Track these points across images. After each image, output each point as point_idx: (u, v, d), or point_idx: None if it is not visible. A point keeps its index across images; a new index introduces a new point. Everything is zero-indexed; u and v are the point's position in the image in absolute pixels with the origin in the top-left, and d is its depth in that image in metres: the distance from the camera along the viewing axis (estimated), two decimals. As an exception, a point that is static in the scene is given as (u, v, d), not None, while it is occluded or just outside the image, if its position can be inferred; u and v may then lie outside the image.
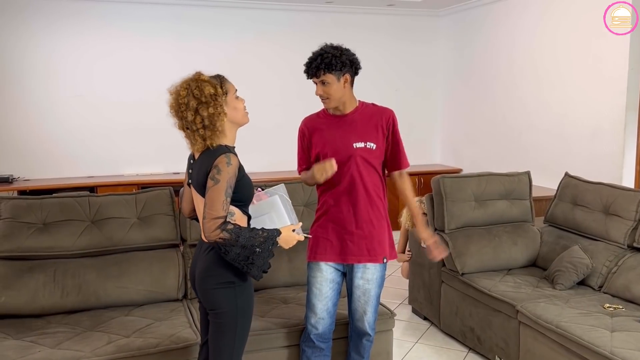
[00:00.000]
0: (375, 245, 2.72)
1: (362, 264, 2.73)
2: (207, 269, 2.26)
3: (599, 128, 4.90)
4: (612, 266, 3.50)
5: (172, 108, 2.25)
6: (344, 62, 2.59)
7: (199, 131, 2.21)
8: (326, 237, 2.74)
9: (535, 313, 3.15)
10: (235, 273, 2.25)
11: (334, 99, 2.65)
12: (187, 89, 2.21)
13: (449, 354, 3.80)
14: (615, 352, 2.66)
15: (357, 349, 2.87)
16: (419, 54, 7.24)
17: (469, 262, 3.81)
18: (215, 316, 2.28)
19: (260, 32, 6.52)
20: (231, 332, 2.28)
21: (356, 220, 2.70)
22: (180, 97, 2.21)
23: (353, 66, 2.66)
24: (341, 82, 2.62)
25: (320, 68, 2.59)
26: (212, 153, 2.21)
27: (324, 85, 2.62)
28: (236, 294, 2.26)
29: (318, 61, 2.59)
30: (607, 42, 4.74)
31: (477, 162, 6.59)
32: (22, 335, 2.82)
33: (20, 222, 3.18)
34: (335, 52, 2.60)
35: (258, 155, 6.30)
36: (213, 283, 2.25)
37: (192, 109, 2.19)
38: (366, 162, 2.69)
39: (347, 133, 2.69)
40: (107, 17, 6.01)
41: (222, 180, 2.14)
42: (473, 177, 4.11)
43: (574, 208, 3.90)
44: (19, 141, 5.88)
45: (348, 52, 2.65)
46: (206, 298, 2.29)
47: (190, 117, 2.19)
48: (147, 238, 3.39)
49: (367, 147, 2.68)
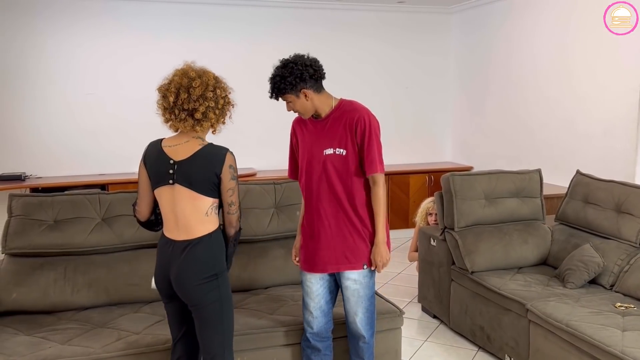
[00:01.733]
0: (353, 252, 2.68)
1: None
2: (190, 267, 2.32)
3: (612, 125, 4.85)
4: (623, 265, 3.46)
5: (186, 77, 2.29)
6: (292, 82, 2.53)
7: (214, 110, 2.31)
8: (307, 247, 2.76)
9: (546, 312, 3.12)
10: (216, 265, 2.35)
11: (305, 112, 2.65)
12: (216, 78, 2.37)
13: (459, 352, 3.78)
14: (627, 352, 2.63)
15: (355, 351, 2.85)
16: (430, 51, 7.20)
17: (478, 260, 3.79)
18: (200, 311, 2.35)
19: (271, 29, 6.52)
20: (219, 322, 2.37)
21: (330, 229, 2.67)
22: (212, 78, 2.34)
23: (307, 79, 2.56)
24: (301, 97, 2.59)
25: (275, 93, 2.61)
26: (214, 153, 2.32)
27: (289, 104, 2.64)
28: (219, 285, 2.36)
29: (271, 87, 2.60)
30: (620, 39, 4.69)
31: (489, 160, 6.55)
32: (33, 331, 2.85)
33: (32, 219, 3.21)
34: (283, 72, 2.55)
35: (271, 153, 6.34)
36: (198, 279, 2.32)
37: (223, 92, 2.35)
38: (337, 169, 2.62)
39: (319, 139, 2.66)
40: (120, 17, 6.04)
41: (237, 178, 2.37)
42: (483, 174, 4.09)
43: (586, 206, 3.87)
44: (31, 139, 5.94)
45: (296, 68, 2.54)
46: (190, 295, 2.34)
47: (220, 93, 2.33)
48: (156, 235, 3.36)
49: (337, 154, 2.62)
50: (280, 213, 3.62)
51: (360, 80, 6.69)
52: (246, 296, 3.35)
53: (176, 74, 2.32)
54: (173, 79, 2.31)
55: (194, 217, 2.33)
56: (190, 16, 6.27)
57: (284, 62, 2.59)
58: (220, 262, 2.38)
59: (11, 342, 2.71)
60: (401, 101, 7.05)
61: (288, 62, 2.58)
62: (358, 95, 2.76)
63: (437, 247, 4.14)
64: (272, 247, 3.57)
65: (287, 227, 3.60)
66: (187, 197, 2.32)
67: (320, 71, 2.63)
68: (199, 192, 2.31)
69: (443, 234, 4.05)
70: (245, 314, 3.06)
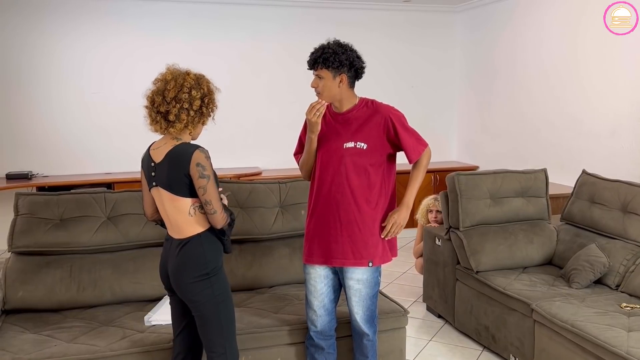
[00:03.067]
0: (360, 248, 2.66)
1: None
2: (182, 264, 2.35)
3: (618, 125, 4.82)
4: (629, 265, 3.45)
5: (168, 80, 2.30)
6: (342, 61, 2.54)
7: (188, 112, 2.29)
8: (313, 238, 2.74)
9: (551, 312, 3.11)
10: (208, 265, 2.35)
11: (326, 95, 2.62)
12: (198, 76, 2.34)
13: (463, 352, 3.78)
14: (632, 352, 2.62)
15: (359, 349, 2.85)
16: (436, 50, 7.20)
17: (483, 260, 3.78)
18: (196, 309, 2.38)
19: (278, 28, 6.53)
20: (215, 319, 2.39)
21: (340, 222, 2.66)
22: (190, 78, 2.31)
23: (352, 68, 2.59)
24: (336, 80, 2.58)
25: (317, 61, 2.58)
26: (181, 152, 2.29)
27: (319, 79, 2.61)
28: (212, 284, 2.36)
29: (318, 54, 2.57)
30: (627, 38, 4.66)
31: (495, 160, 6.54)
32: (39, 329, 2.87)
33: (38, 217, 3.22)
34: (337, 49, 2.56)
35: (272, 152, 6.36)
36: (189, 277, 2.34)
37: (200, 91, 2.31)
38: (355, 163, 2.63)
39: (339, 132, 2.66)
40: (127, 17, 6.08)
41: (210, 175, 2.28)
42: (488, 174, 4.08)
43: (592, 206, 3.85)
44: (38, 138, 5.98)
45: (351, 53, 2.58)
46: (184, 292, 2.38)
47: (196, 95, 2.29)
48: (161, 234, 3.37)
49: (357, 147, 2.62)
50: (285, 212, 3.62)
51: (366, 80, 6.65)
52: (251, 295, 3.36)
53: (156, 79, 2.36)
54: (154, 85, 2.36)
55: (179, 217, 2.35)
56: (197, 16, 6.28)
57: (339, 42, 2.60)
58: (212, 261, 2.37)
59: (17, 339, 2.73)
60: (407, 100, 7.01)
61: (344, 44, 2.61)
62: (364, 94, 2.76)
63: (442, 247, 4.13)
64: (276, 246, 3.57)
65: (291, 226, 3.60)
66: (167, 199, 2.35)
67: (363, 70, 2.67)
68: (175, 194, 2.32)
69: (448, 233, 4.04)
70: (249, 313, 3.06)
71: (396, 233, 2.73)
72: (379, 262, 2.72)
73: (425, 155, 2.76)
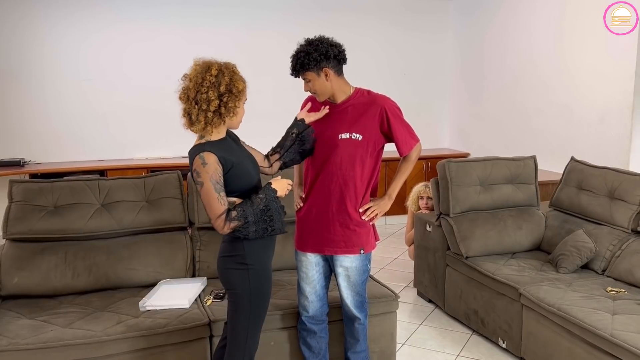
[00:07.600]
0: (351, 236, 2.71)
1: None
2: (224, 250, 2.39)
3: (607, 112, 4.88)
4: (615, 250, 3.52)
5: (190, 79, 2.26)
6: (316, 58, 2.54)
7: (206, 113, 2.23)
8: (305, 227, 2.78)
9: (538, 296, 3.18)
10: (250, 256, 2.33)
11: (322, 93, 2.66)
12: (220, 71, 2.25)
13: (453, 335, 3.85)
14: (616, 335, 2.69)
15: (351, 332, 2.91)
16: (428, 38, 7.21)
17: (473, 245, 3.84)
18: (230, 295, 2.39)
19: (271, 15, 6.51)
20: (245, 312, 2.37)
21: (332, 211, 2.70)
22: (211, 75, 2.22)
23: (330, 58, 2.58)
24: (322, 77, 2.60)
25: (297, 69, 2.60)
26: (190, 155, 2.29)
27: (307, 83, 2.64)
28: (250, 277, 2.34)
29: (294, 62, 2.60)
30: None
31: (485, 147, 6.60)
32: (35, 315, 2.90)
33: (32, 205, 3.24)
34: (308, 48, 2.56)
35: (272, 143, 6.34)
36: (228, 264, 2.36)
37: (217, 91, 2.22)
38: (350, 153, 2.66)
39: (334, 123, 2.68)
40: (119, 4, 6.03)
41: (205, 181, 2.20)
42: (479, 161, 4.12)
43: (580, 192, 3.92)
44: (30, 125, 5.96)
45: (321, 45, 2.56)
46: (222, 278, 2.40)
47: (212, 96, 2.21)
48: (155, 221, 3.45)
49: (352, 138, 2.65)
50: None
51: (358, 67, 6.64)
52: (244, 281, 3.39)
53: (184, 75, 2.30)
54: (182, 82, 2.31)
55: None
56: (189, 4, 6.25)
57: (308, 41, 2.61)
58: (246, 256, 2.33)
59: (14, 325, 2.76)
60: (399, 88, 7.05)
61: (313, 40, 2.60)
62: (356, 82, 2.78)
63: (433, 233, 4.19)
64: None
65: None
66: None
67: (344, 54, 2.65)
68: None
69: (438, 219, 4.10)
70: (243, 298, 3.10)
71: (373, 219, 2.77)
72: (370, 249, 2.78)
73: (416, 150, 2.79)
